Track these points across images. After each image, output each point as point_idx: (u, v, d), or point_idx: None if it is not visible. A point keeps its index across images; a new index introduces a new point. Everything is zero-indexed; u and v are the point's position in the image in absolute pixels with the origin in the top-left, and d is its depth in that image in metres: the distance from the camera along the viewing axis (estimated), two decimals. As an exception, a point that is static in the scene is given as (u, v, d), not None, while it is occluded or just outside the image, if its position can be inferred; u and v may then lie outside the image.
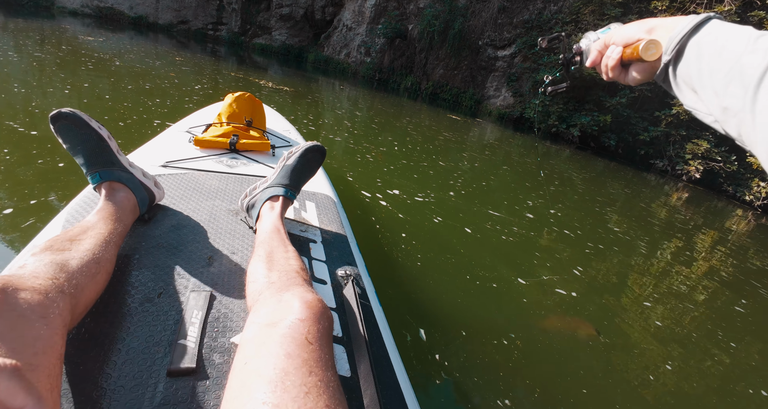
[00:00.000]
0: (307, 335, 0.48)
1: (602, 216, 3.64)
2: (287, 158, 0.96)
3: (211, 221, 0.93)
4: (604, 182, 5.63)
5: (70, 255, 0.56)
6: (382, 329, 0.77)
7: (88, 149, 0.76)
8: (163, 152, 1.31)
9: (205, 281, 0.72)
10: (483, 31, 12.72)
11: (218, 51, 13.01)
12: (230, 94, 1.69)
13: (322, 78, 11.49)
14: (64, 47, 6.11)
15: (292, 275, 0.64)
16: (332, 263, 0.89)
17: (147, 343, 0.57)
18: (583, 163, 7.31)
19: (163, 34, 15.78)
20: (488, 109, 12.80)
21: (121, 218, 0.73)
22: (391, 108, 7.88)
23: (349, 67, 15.61)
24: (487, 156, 4.98)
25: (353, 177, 2.83)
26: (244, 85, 6.17)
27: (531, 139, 8.83)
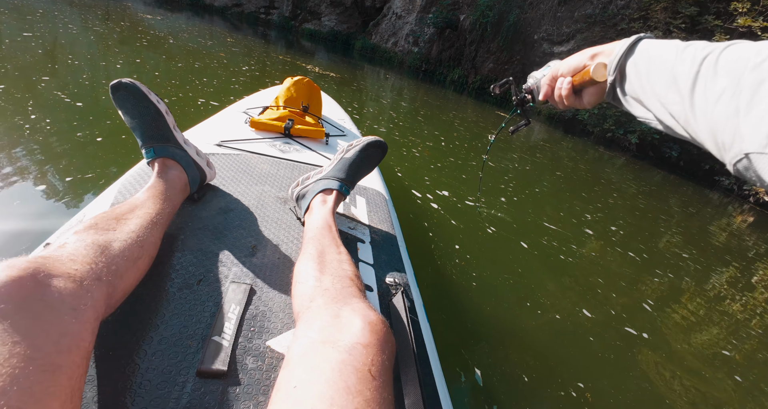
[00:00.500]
0: (370, 367, 0.41)
1: (668, 237, 3.27)
2: (346, 151, 0.91)
3: (259, 206, 0.89)
4: (665, 197, 5.13)
5: (113, 236, 0.53)
6: (429, 351, 0.69)
7: (145, 123, 0.75)
8: (219, 131, 1.30)
9: (246, 272, 0.68)
10: (540, 25, 12.03)
11: (268, 34, 13.13)
12: (289, 78, 1.65)
13: (367, 66, 11.33)
14: (123, 23, 6.34)
15: (347, 282, 0.59)
16: (380, 268, 0.83)
17: (180, 335, 0.54)
18: (639, 173, 6.75)
19: (218, 15, 16.16)
20: (537, 108, 12.15)
21: (171, 197, 0.71)
22: (437, 100, 7.60)
23: (395, 57, 15.34)
24: (538, 159, 4.64)
25: (402, 173, 2.68)
26: (291, 68, 6.13)
27: (583, 144, 8.28)
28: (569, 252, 2.28)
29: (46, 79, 2.67)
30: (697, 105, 0.35)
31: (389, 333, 0.48)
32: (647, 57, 0.43)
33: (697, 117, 0.36)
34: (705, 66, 0.36)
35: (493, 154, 4.12)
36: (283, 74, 5.37)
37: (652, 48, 0.43)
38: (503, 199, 2.80)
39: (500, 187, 3.06)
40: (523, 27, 12.13)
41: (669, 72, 0.39)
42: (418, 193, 2.40)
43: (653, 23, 9.93)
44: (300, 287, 0.60)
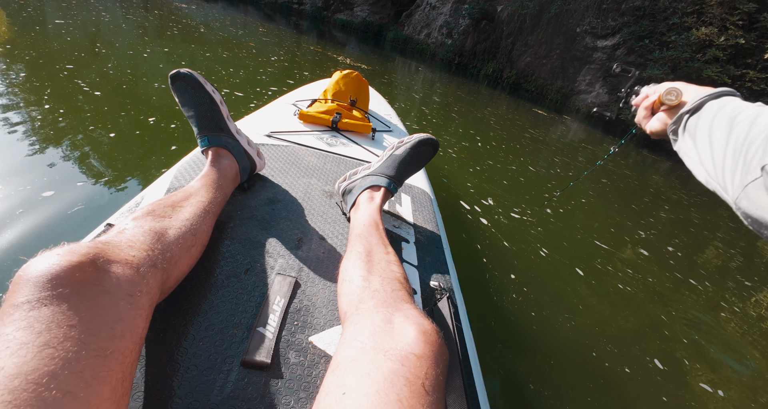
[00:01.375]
0: (424, 381, 0.39)
1: (726, 259, 2.95)
2: (396, 148, 0.89)
3: (306, 199, 0.91)
4: (716, 210, 4.72)
5: (169, 223, 0.55)
6: (472, 361, 0.66)
7: (200, 112, 0.77)
8: (269, 122, 1.33)
9: (291, 264, 0.69)
10: (583, 17, 11.39)
11: (300, 25, 13.07)
12: (338, 71, 1.67)
13: (399, 58, 11.08)
14: (157, 12, 6.35)
15: (396, 285, 0.57)
16: (424, 271, 0.81)
17: (227, 322, 0.55)
18: (686, 181, 6.27)
19: (252, 5, 16.24)
20: (576, 105, 11.58)
21: (223, 185, 0.73)
22: (470, 95, 7.31)
23: (428, 49, 14.97)
24: (581, 164, 4.32)
25: (445, 177, 2.51)
26: (321, 59, 6.00)
27: (626, 146, 7.78)
28: (627, 280, 2.03)
29: (70, 68, 2.64)
30: (749, 191, 0.37)
31: (443, 345, 0.45)
32: (728, 108, 0.45)
33: (740, 194, 0.38)
34: None
35: (531, 156, 3.85)
36: (314, 66, 5.22)
37: (734, 103, 0.45)
38: (549, 211, 2.57)
39: (544, 197, 2.83)
40: (564, 19, 11.53)
41: (744, 136, 0.40)
42: (465, 203, 2.22)
43: (708, 19, 9.18)
44: (347, 285, 0.58)
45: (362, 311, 0.51)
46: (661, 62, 9.24)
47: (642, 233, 2.76)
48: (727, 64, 8.58)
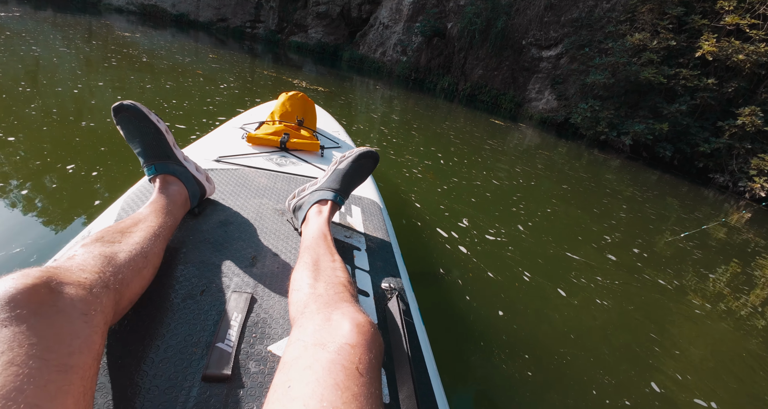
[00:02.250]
0: (358, 365, 0.44)
1: (689, 252, 3.07)
2: (339, 162, 0.94)
3: (258, 219, 0.92)
4: (669, 203, 4.96)
5: (119, 247, 0.56)
6: (424, 351, 0.73)
7: (145, 142, 0.78)
8: (218, 147, 1.34)
9: (247, 281, 0.71)
10: (527, 30, 12.01)
11: (254, 48, 12.97)
12: (284, 93, 1.71)
13: (356, 77, 11.18)
14: (95, 42, 5.99)
15: (339, 288, 0.61)
16: (376, 274, 0.85)
17: (186, 342, 0.56)
18: (637, 176, 6.63)
19: (203, 31, 16.00)
20: (529, 112, 12.09)
21: (172, 211, 0.74)
22: (428, 110, 7.43)
23: (384, 66, 15.25)
24: (541, 171, 4.43)
25: (418, 202, 2.46)
26: (275, 84, 5.87)
27: (577, 148, 8.16)
28: (602, 291, 2.03)
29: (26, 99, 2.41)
30: None
31: (377, 333, 0.50)
32: None
33: None
34: None
35: (494, 170, 3.89)
36: (266, 91, 5.06)
37: None
38: (521, 227, 2.55)
39: (512, 211, 2.83)
40: (510, 33, 12.10)
41: None
42: (442, 230, 2.15)
43: (640, 25, 9.92)
44: (295, 294, 0.62)
45: (306, 315, 0.54)
46: (601, 68, 9.83)
47: (608, 238, 2.82)
48: (661, 65, 9.24)
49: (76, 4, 15.81)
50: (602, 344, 1.59)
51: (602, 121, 9.70)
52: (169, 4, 18.16)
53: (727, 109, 9.10)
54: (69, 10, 12.53)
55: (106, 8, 17.04)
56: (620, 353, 1.57)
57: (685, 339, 1.79)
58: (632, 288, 2.14)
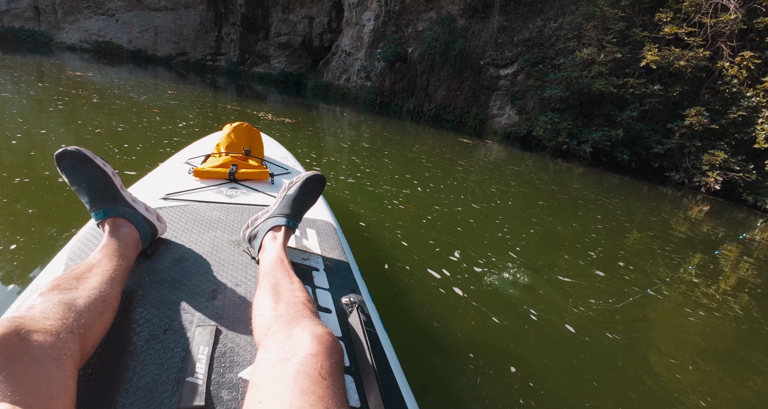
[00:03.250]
0: (320, 371, 0.48)
1: (669, 259, 3.14)
2: (288, 188, 0.97)
3: (214, 253, 0.92)
4: (637, 207, 5.15)
5: (77, 294, 0.57)
6: (389, 357, 0.77)
7: (92, 186, 0.77)
8: (163, 185, 1.30)
9: (210, 315, 0.71)
10: (484, 51, 12.57)
11: (217, 81, 12.86)
12: (228, 124, 1.69)
13: (322, 105, 11.24)
14: (41, 85, 5.65)
15: (299, 307, 0.64)
16: (336, 291, 0.88)
17: (154, 382, 0.56)
18: (601, 181, 6.91)
19: (162, 66, 15.75)
20: (493, 128, 12.50)
21: (125, 253, 0.74)
22: (397, 134, 7.51)
23: (349, 92, 15.47)
24: (515, 188, 4.50)
25: (404, 239, 2.35)
26: (239, 118, 5.72)
27: (542, 159, 8.46)
28: (599, 320, 2.03)
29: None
30: None
31: (335, 341, 0.54)
32: None
33: None
34: None
35: (470, 193, 3.91)
36: (235, 122, 4.93)
37: None
38: (512, 254, 2.51)
39: (498, 237, 2.79)
40: (469, 54, 12.61)
41: None
42: (433, 270, 2.04)
43: (587, 41, 10.58)
44: (258, 318, 0.64)
45: (269, 335, 0.57)
46: (556, 82, 10.35)
47: (592, 254, 2.84)
48: (610, 76, 9.83)
49: (27, 45, 15.27)
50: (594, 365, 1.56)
51: (562, 131, 10.13)
52: (125, 40, 17.87)
53: (675, 111, 9.76)
54: (19, 51, 12.06)
55: (58, 47, 16.55)
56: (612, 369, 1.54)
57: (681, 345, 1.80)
58: (634, 311, 2.15)
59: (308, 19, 17.73)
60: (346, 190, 3.12)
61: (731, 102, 8.93)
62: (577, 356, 1.61)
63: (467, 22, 12.88)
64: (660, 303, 2.27)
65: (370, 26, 14.61)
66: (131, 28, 17.85)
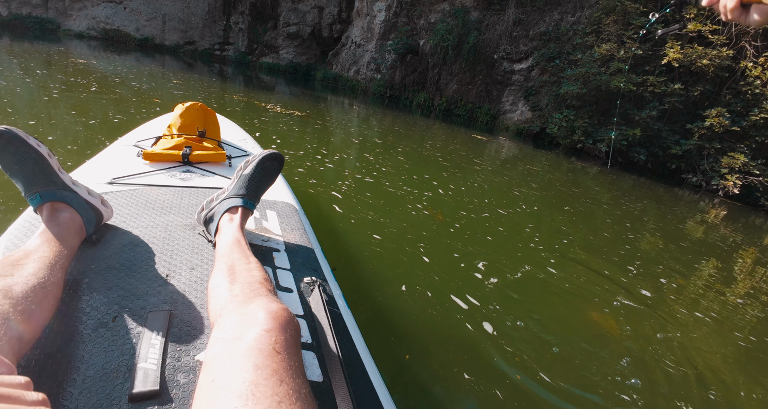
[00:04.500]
0: (274, 346, 0.48)
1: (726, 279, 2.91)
2: (244, 168, 0.94)
3: (167, 237, 0.88)
4: (664, 213, 4.92)
5: (12, 281, 0.54)
6: (352, 333, 0.76)
7: (26, 169, 0.72)
8: (110, 169, 1.24)
9: (163, 299, 0.68)
10: (498, 45, 12.22)
11: (224, 71, 12.65)
12: (180, 104, 1.59)
13: (331, 96, 11.01)
14: (39, 72, 5.43)
15: (255, 286, 0.63)
16: (297, 271, 0.87)
17: (104, 370, 0.54)
18: (618, 183, 6.68)
19: (170, 55, 15.57)
20: (505, 124, 12.20)
21: (66, 239, 0.69)
22: (408, 129, 7.28)
23: (358, 85, 15.18)
24: (537, 191, 4.25)
25: (426, 251, 2.07)
26: (244, 109, 5.51)
27: (556, 157, 8.21)
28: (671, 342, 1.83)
29: None
30: None
31: (291, 316, 0.54)
32: None
33: None
34: None
35: (495, 196, 3.67)
36: (236, 119, 4.62)
37: None
38: (552, 269, 2.25)
39: (531, 248, 2.47)
40: (482, 48, 12.27)
41: None
42: (473, 298, 1.72)
43: (606, 36, 10.21)
44: (213, 300, 0.62)
45: (224, 315, 0.56)
46: (573, 78, 10.02)
47: (632, 269, 2.59)
48: (629, 73, 9.50)
49: (34, 32, 15.13)
50: None
51: (578, 129, 9.84)
52: (133, 28, 17.67)
53: (694, 111, 9.43)
54: (26, 38, 11.92)
55: (66, 34, 16.40)
56: None
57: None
58: (693, 338, 1.94)
59: (318, 8, 17.39)
60: (367, 191, 2.91)
61: (753, 104, 8.60)
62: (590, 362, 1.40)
63: (481, 15, 12.51)
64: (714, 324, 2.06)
65: (381, 17, 14.27)
66: (139, 15, 17.63)
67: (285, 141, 3.88)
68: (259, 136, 3.86)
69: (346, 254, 1.86)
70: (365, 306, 1.50)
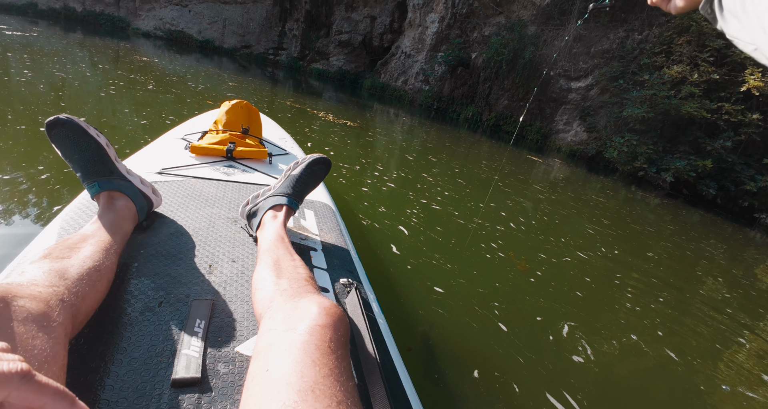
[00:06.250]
0: (329, 343, 0.47)
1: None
2: (293, 168, 0.96)
3: (210, 228, 0.91)
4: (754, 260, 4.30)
5: (69, 263, 0.55)
6: (386, 338, 0.76)
7: (86, 158, 0.75)
8: (159, 159, 1.28)
9: (206, 289, 0.70)
10: (556, 61, 11.68)
11: (276, 75, 12.91)
12: (227, 102, 1.65)
13: (378, 105, 10.90)
14: (101, 67, 5.60)
15: (302, 282, 0.63)
16: (333, 272, 0.88)
17: (149, 353, 0.56)
18: (680, 214, 6.03)
19: (227, 57, 16.17)
20: (557, 144, 11.58)
21: (121, 225, 0.73)
22: (459, 145, 6.97)
23: (406, 95, 15.04)
24: (611, 230, 3.68)
25: (504, 317, 1.66)
26: (295, 116, 5.40)
27: (613, 183, 7.59)
28: None
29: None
30: None
31: (343, 315, 0.53)
32: None
33: None
34: None
35: (568, 234, 3.28)
36: (287, 126, 4.46)
37: None
38: (672, 351, 1.81)
39: (628, 309, 2.11)
40: (538, 63, 11.78)
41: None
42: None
43: (677, 57, 9.46)
44: (259, 292, 0.63)
45: (273, 307, 0.56)
46: (639, 101, 9.34)
47: (743, 342, 2.11)
48: (702, 99, 8.72)
49: (105, 28, 16.22)
50: None
51: (640, 156, 9.11)
52: (196, 31, 18.57)
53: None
54: (98, 34, 12.75)
55: (134, 33, 17.49)
56: None
57: None
58: None
59: (370, 18, 17.52)
60: (435, 224, 2.48)
61: None
62: None
63: (539, 29, 12.03)
64: None
65: (433, 28, 14.09)
66: (202, 19, 18.53)
67: (338, 153, 3.69)
68: (312, 147, 3.70)
69: (401, 316, 1.52)
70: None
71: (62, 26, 12.21)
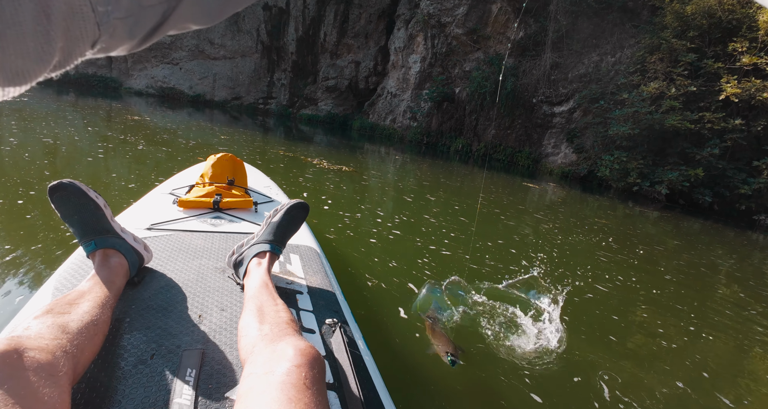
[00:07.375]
0: (304, 381, 0.50)
1: None
2: (273, 216, 1.00)
3: (199, 279, 0.93)
4: (759, 263, 4.21)
5: (69, 318, 0.59)
6: (372, 374, 0.77)
7: (84, 219, 0.80)
8: (148, 215, 1.32)
9: (196, 338, 0.72)
10: (536, 89, 12.11)
11: (267, 123, 13.23)
12: (212, 155, 1.70)
13: (369, 145, 11.10)
14: (90, 129, 5.57)
15: (283, 326, 0.65)
16: (319, 313, 0.89)
17: (143, 404, 0.57)
18: (681, 226, 5.96)
19: (218, 109, 16.62)
20: (548, 167, 11.75)
21: (115, 282, 0.76)
22: (453, 179, 7.01)
23: (395, 133, 15.41)
24: (622, 254, 3.53)
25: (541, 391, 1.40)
26: (289, 165, 5.34)
27: (609, 201, 7.61)
28: None
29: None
30: None
31: (317, 354, 0.57)
32: None
33: None
34: None
35: (579, 265, 3.19)
36: (280, 178, 4.44)
37: None
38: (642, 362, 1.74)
39: (663, 347, 1.93)
40: (520, 92, 12.20)
41: None
42: None
43: (652, 74, 9.84)
44: (244, 339, 0.65)
45: (255, 352, 0.59)
46: (623, 119, 9.58)
47: None
48: (683, 110, 8.97)
49: (98, 89, 16.71)
50: None
51: (632, 171, 9.22)
52: (187, 86, 19.24)
53: (760, 147, 8.68)
54: (91, 94, 13.08)
55: (127, 92, 18.03)
56: None
57: None
58: None
59: (355, 63, 18.30)
60: (477, 281, 2.21)
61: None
62: None
63: (517, 61, 12.58)
64: None
65: (416, 68, 14.70)
66: (192, 75, 19.25)
67: (336, 202, 3.66)
68: (308, 197, 3.68)
69: (388, 353, 1.47)
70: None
71: (55, 89, 12.52)
